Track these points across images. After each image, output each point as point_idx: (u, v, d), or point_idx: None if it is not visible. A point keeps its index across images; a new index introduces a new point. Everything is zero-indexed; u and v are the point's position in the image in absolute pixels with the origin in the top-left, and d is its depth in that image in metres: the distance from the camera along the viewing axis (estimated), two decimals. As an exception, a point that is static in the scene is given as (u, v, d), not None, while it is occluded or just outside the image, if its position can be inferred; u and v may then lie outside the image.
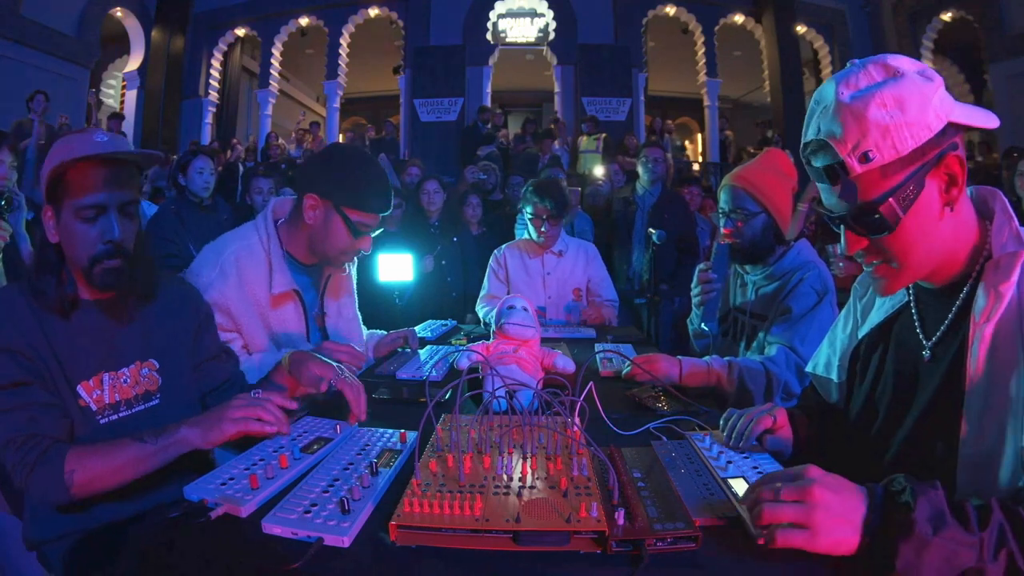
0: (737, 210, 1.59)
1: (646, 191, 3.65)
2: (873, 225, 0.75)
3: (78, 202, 0.98)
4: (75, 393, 1.00)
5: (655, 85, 10.37)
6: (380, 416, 1.15)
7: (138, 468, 0.92)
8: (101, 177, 0.98)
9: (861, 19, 9.44)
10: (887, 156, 0.71)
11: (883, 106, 0.71)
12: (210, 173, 2.98)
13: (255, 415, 0.94)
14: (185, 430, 0.93)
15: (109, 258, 1.00)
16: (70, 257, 1.01)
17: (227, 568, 0.68)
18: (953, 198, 0.75)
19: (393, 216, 3.67)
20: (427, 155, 7.76)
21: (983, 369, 0.73)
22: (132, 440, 0.92)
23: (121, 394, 1.05)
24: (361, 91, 11.57)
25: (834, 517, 0.64)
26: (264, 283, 1.38)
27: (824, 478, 0.67)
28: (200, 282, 1.32)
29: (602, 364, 1.59)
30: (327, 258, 1.42)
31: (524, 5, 9.33)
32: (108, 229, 0.99)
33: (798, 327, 1.49)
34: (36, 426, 0.92)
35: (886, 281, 0.81)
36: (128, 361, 1.08)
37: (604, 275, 2.68)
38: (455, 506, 0.70)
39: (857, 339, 0.98)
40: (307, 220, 1.37)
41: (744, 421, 0.96)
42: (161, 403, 1.11)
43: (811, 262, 1.60)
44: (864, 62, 0.75)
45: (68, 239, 1.00)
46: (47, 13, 7.28)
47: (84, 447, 0.93)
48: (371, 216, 1.37)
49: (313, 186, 1.36)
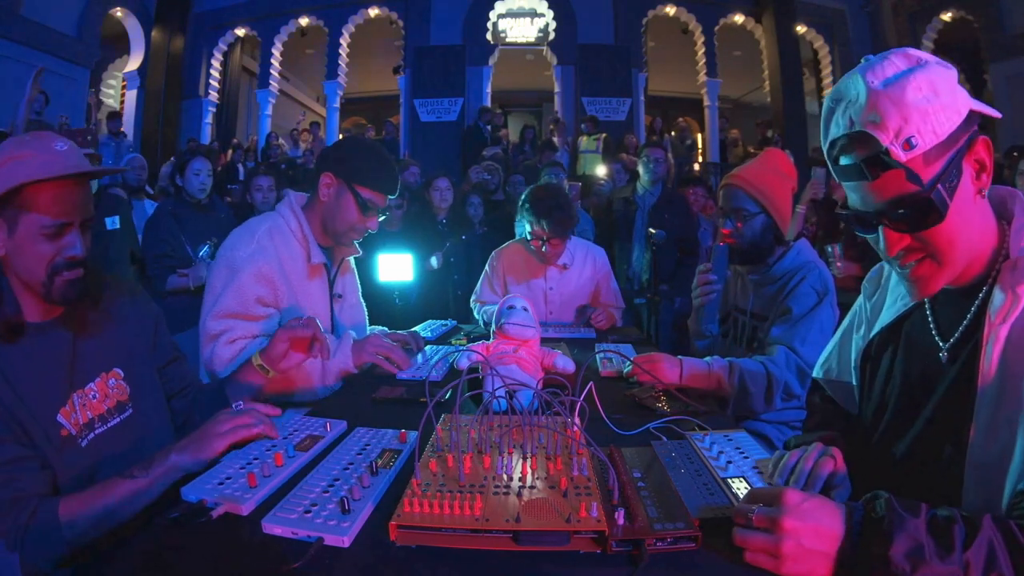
0: (737, 210, 1.59)
1: (646, 191, 3.65)
2: (924, 215, 0.72)
3: (41, 220, 0.92)
4: (56, 423, 0.93)
5: (655, 85, 10.37)
6: (380, 416, 1.15)
7: (134, 505, 0.87)
8: (67, 195, 0.94)
9: (861, 19, 9.44)
10: (928, 141, 0.69)
11: (919, 90, 0.69)
12: (207, 175, 2.99)
13: (240, 423, 0.94)
14: (175, 457, 0.90)
15: (70, 269, 0.95)
16: (20, 271, 0.94)
17: (227, 568, 0.68)
18: (984, 184, 0.74)
19: (394, 216, 3.68)
20: (427, 155, 7.75)
21: (996, 370, 0.72)
22: (122, 479, 0.88)
23: (93, 410, 0.99)
24: (361, 91, 11.57)
25: (804, 549, 0.63)
26: (297, 257, 1.49)
27: (799, 507, 0.65)
28: (239, 256, 1.39)
29: (602, 364, 1.59)
30: (337, 234, 1.52)
31: (524, 5, 9.32)
32: (71, 245, 0.95)
33: (798, 327, 1.49)
34: (17, 486, 0.85)
35: (926, 280, 0.76)
36: (92, 375, 1.01)
37: (612, 283, 2.48)
38: (455, 506, 0.70)
39: (868, 340, 0.96)
40: (322, 197, 1.49)
41: (803, 465, 0.84)
42: (135, 412, 1.07)
43: (811, 262, 1.60)
44: (884, 55, 0.73)
45: (20, 256, 0.93)
46: (47, 13, 7.27)
47: (74, 497, 0.87)
48: (379, 195, 1.50)
49: (329, 166, 1.49)
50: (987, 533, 0.60)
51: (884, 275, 0.99)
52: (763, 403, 1.48)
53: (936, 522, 0.62)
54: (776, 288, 1.60)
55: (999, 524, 0.61)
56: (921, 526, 0.61)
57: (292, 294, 1.45)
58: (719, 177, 8.05)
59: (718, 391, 1.48)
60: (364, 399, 1.31)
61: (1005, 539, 0.59)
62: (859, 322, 1.01)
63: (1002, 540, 0.59)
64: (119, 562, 0.69)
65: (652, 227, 2.96)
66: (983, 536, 0.59)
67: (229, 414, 0.96)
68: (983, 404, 0.73)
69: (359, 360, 1.45)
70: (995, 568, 0.58)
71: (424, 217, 3.73)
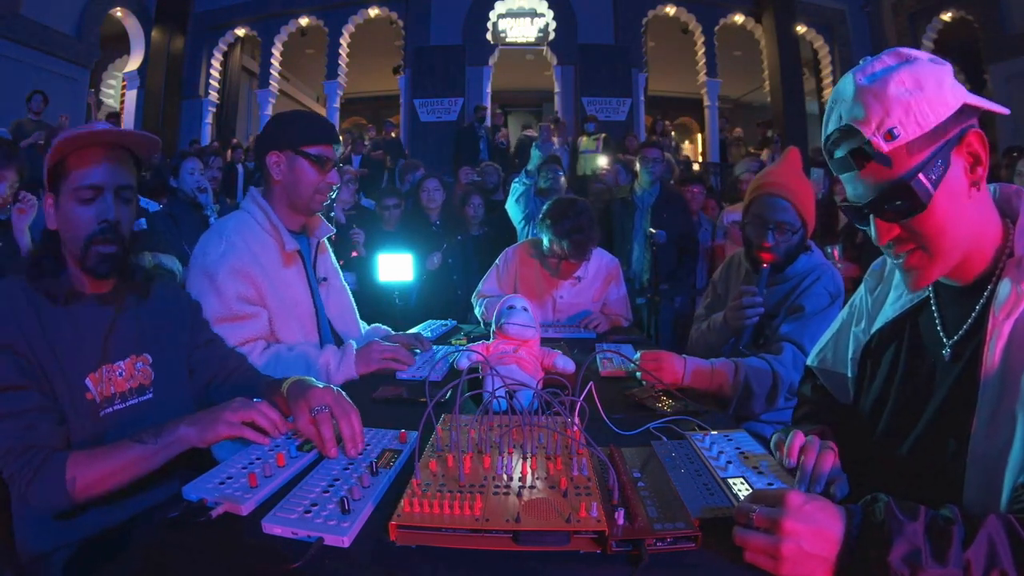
0: (781, 224, 1.54)
1: (645, 191, 3.65)
2: (905, 204, 0.74)
3: (76, 183, 1.01)
4: (82, 386, 1.00)
5: (655, 85, 10.37)
6: (380, 416, 1.15)
7: (139, 468, 0.93)
8: (99, 158, 1.01)
9: (861, 19, 9.44)
10: (911, 132, 0.72)
11: (902, 84, 0.72)
12: (200, 173, 3.01)
13: (249, 418, 0.96)
14: (184, 428, 0.95)
15: (104, 242, 1.02)
16: (68, 243, 1.03)
17: (227, 568, 0.68)
18: (979, 177, 0.75)
19: (392, 215, 3.68)
20: (427, 155, 7.76)
21: (998, 364, 0.73)
22: (132, 441, 0.93)
23: (116, 387, 1.06)
24: (361, 91, 11.56)
25: (804, 551, 0.63)
26: (270, 248, 1.47)
27: (800, 509, 0.65)
28: (210, 258, 1.38)
29: (602, 364, 1.59)
30: (304, 202, 1.49)
31: (524, 5, 9.32)
32: (105, 210, 1.02)
33: (809, 326, 1.48)
34: (33, 435, 0.92)
35: (918, 272, 0.79)
36: (123, 355, 1.09)
37: (622, 295, 2.43)
38: (455, 506, 0.70)
39: (869, 334, 0.96)
40: (276, 176, 1.47)
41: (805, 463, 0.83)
42: (154, 398, 1.12)
43: (824, 264, 1.60)
44: (877, 55, 0.77)
45: (65, 223, 1.02)
46: (47, 13, 7.27)
47: (84, 452, 0.93)
48: (325, 147, 1.48)
49: (269, 145, 1.48)
50: (987, 530, 0.59)
51: (887, 269, 1.00)
52: (764, 404, 1.47)
53: (936, 524, 0.62)
54: (789, 287, 1.60)
55: (1000, 520, 0.61)
56: (920, 529, 0.61)
57: (273, 288, 1.44)
58: (719, 177, 8.05)
59: (720, 391, 1.47)
60: (364, 399, 1.31)
61: (1007, 534, 0.59)
62: (859, 315, 1.01)
63: (1004, 535, 0.59)
64: (119, 562, 0.69)
65: (652, 227, 2.96)
66: (983, 534, 0.59)
67: (242, 403, 0.98)
68: (985, 399, 0.73)
69: (365, 370, 1.45)
70: (997, 565, 0.58)
71: (420, 217, 3.74)
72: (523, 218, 3.60)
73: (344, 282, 1.77)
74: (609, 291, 2.41)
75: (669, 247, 3.38)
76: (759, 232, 1.57)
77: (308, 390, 0.99)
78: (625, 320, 2.39)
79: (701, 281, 3.87)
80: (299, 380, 1.06)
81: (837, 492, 0.80)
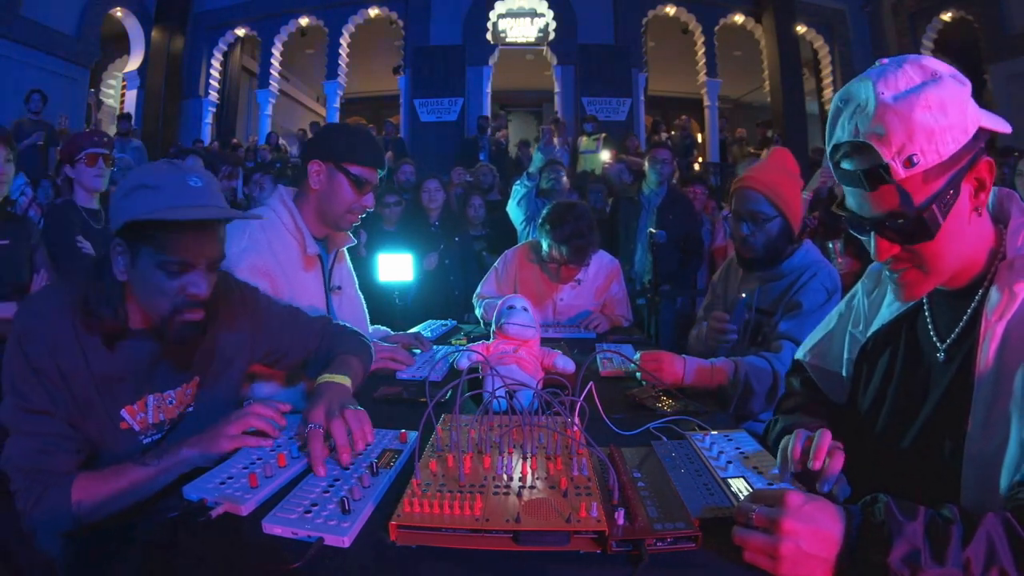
0: (753, 213, 1.56)
1: (652, 191, 3.64)
2: (913, 232, 0.73)
3: (165, 257, 0.91)
4: (118, 416, 0.99)
5: (655, 85, 10.37)
6: (380, 416, 1.15)
7: (143, 491, 0.92)
8: (189, 239, 0.92)
9: (861, 19, 9.43)
10: (930, 160, 0.70)
11: (928, 108, 0.69)
12: None
13: (247, 424, 0.96)
14: (186, 451, 0.94)
15: (191, 310, 0.95)
16: (144, 305, 0.96)
17: (227, 568, 0.68)
18: (981, 203, 0.74)
19: (392, 213, 3.68)
20: (427, 155, 7.76)
21: (992, 365, 0.73)
22: (135, 464, 0.93)
23: (166, 414, 1.05)
24: (361, 91, 11.56)
25: (803, 551, 0.63)
26: (292, 250, 1.47)
27: (800, 509, 0.65)
28: (231, 253, 1.33)
29: (602, 364, 1.59)
30: (335, 218, 1.49)
31: (524, 5, 9.32)
32: (194, 284, 0.95)
33: (807, 322, 1.48)
34: (44, 460, 0.91)
35: (911, 286, 0.79)
36: (176, 384, 1.07)
37: (623, 296, 2.43)
38: (455, 506, 0.70)
39: (866, 336, 0.96)
40: (313, 185, 1.46)
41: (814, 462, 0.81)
42: (195, 410, 1.10)
43: (820, 261, 1.60)
44: (899, 61, 0.73)
45: (143, 286, 0.94)
46: (47, 13, 7.27)
47: (90, 474, 0.93)
48: (369, 170, 1.47)
49: (314, 153, 1.47)
50: (985, 528, 0.60)
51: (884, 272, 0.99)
52: (764, 402, 1.47)
53: (935, 524, 0.62)
54: (785, 284, 1.60)
55: (998, 517, 0.61)
56: (919, 529, 0.61)
57: (290, 288, 1.44)
58: (719, 177, 8.05)
59: (719, 390, 1.47)
60: (364, 399, 1.31)
61: (1005, 532, 0.60)
62: (856, 317, 1.01)
63: (1002, 533, 0.60)
64: (119, 562, 0.69)
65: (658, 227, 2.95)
66: (981, 532, 0.60)
67: (237, 415, 0.98)
68: (980, 399, 0.74)
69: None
70: (996, 562, 0.58)
71: (419, 217, 3.74)
72: (524, 220, 3.61)
73: (359, 292, 1.75)
74: (609, 291, 2.41)
75: (671, 248, 3.38)
76: (735, 225, 1.62)
77: (317, 400, 1.00)
78: (625, 320, 2.39)
79: (702, 282, 3.87)
80: (326, 382, 1.08)
81: (839, 493, 0.80)
